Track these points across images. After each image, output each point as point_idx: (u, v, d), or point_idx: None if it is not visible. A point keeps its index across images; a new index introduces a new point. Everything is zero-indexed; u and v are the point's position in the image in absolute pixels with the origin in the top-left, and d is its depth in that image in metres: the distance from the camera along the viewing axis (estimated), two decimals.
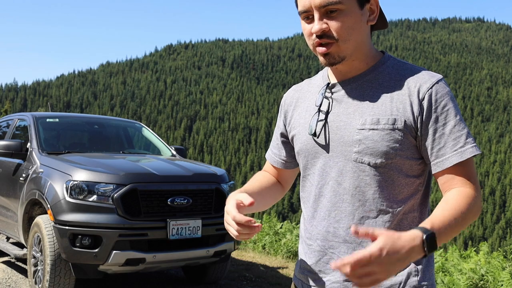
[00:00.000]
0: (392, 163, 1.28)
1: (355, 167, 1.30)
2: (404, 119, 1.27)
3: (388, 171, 1.29)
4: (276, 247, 7.50)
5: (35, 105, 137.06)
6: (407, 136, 1.27)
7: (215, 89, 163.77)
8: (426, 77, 1.29)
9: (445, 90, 1.28)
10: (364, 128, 1.29)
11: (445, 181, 1.28)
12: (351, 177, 1.31)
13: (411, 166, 1.30)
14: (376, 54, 1.38)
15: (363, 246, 1.29)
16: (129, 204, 4.18)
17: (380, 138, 1.27)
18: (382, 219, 1.30)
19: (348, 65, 1.35)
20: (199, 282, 5.23)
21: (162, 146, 6.06)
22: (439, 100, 1.27)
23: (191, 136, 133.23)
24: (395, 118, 1.27)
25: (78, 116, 6.93)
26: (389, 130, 1.27)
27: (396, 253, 1.07)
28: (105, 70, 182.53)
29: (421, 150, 1.30)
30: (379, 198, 1.30)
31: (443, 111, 1.27)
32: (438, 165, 1.27)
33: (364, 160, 1.29)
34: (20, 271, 5.47)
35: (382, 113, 1.28)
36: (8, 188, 5.18)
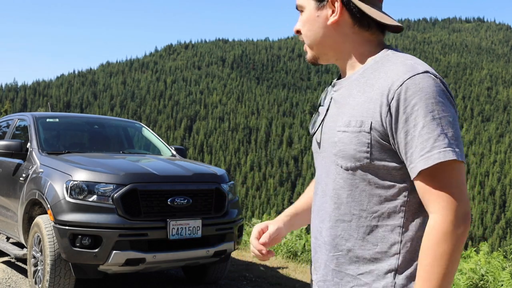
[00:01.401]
0: (363, 167, 1.22)
1: (334, 169, 1.28)
2: (371, 120, 1.19)
3: (361, 175, 1.23)
4: (276, 247, 7.50)
5: (35, 105, 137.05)
6: (376, 139, 1.19)
7: (215, 89, 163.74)
8: (401, 73, 1.18)
9: (418, 86, 1.15)
10: (340, 130, 1.26)
11: (420, 192, 1.17)
12: (332, 179, 1.29)
13: (389, 171, 1.21)
14: (373, 50, 1.31)
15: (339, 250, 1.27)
16: (129, 204, 4.18)
17: (349, 141, 1.23)
18: (356, 223, 1.25)
19: (340, 65, 1.36)
20: (199, 282, 5.23)
21: (162, 146, 6.06)
22: (408, 98, 1.15)
23: (191, 136, 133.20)
24: (362, 120, 1.21)
25: (78, 116, 6.94)
26: (356, 133, 1.21)
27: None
28: (105, 70, 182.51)
29: (399, 155, 1.19)
30: (352, 202, 1.25)
31: (412, 111, 1.14)
32: (411, 172, 1.17)
33: (338, 162, 1.26)
34: (20, 271, 5.47)
35: (355, 115, 1.23)
36: (8, 188, 5.18)
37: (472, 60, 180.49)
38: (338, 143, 1.25)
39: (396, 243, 1.21)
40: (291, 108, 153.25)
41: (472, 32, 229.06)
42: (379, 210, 1.22)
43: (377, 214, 1.23)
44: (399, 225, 1.21)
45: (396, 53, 1.28)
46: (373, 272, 1.22)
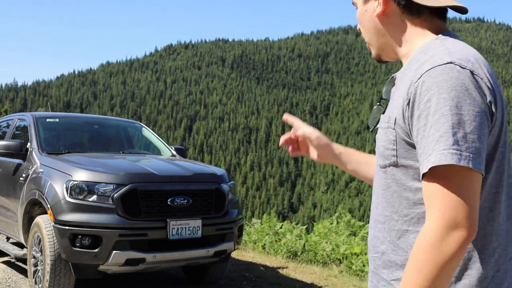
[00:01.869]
0: (392, 165, 1.15)
1: (376, 168, 1.24)
2: (395, 116, 1.13)
3: (392, 175, 1.16)
4: (276, 247, 7.50)
5: (35, 105, 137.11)
6: (400, 136, 1.12)
7: (215, 89, 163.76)
8: (425, 64, 1.09)
9: (434, 79, 1.05)
10: (379, 125, 1.22)
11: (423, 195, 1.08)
12: (376, 177, 1.25)
13: (417, 172, 1.12)
14: (424, 39, 1.21)
15: (376, 251, 1.21)
16: (129, 204, 4.18)
17: (380, 137, 1.18)
18: (389, 225, 1.18)
19: (399, 59, 1.29)
20: (199, 282, 5.23)
21: (162, 146, 6.06)
22: (423, 93, 1.06)
23: (191, 136, 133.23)
24: (389, 116, 1.15)
25: (78, 116, 6.94)
26: (385, 129, 1.16)
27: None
28: (105, 70, 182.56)
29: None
30: (384, 202, 1.19)
31: (425, 107, 1.05)
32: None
33: (377, 159, 1.22)
34: (20, 271, 5.47)
35: (388, 110, 1.18)
36: (8, 188, 5.18)
37: None
38: (377, 139, 1.21)
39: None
40: (291, 108, 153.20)
41: (472, 32, 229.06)
42: (409, 214, 1.14)
43: (407, 218, 1.14)
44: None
45: (445, 40, 1.16)
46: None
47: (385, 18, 1.23)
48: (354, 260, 6.41)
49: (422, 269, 1.01)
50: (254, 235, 8.31)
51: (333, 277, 5.97)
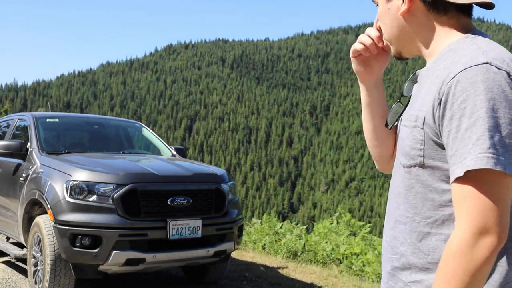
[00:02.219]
0: (418, 166, 1.12)
1: (398, 167, 1.22)
2: (424, 115, 1.10)
3: (416, 175, 1.13)
4: (276, 247, 7.50)
5: (35, 105, 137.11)
6: (428, 136, 1.09)
7: (215, 89, 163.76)
8: (459, 63, 1.06)
9: (470, 80, 1.01)
10: (403, 124, 1.19)
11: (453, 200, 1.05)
12: (396, 176, 1.23)
13: (444, 173, 1.09)
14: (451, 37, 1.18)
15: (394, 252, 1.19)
16: (129, 204, 4.18)
17: (405, 136, 1.15)
18: (410, 227, 1.15)
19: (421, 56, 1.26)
20: (199, 282, 5.23)
21: (162, 146, 6.07)
22: (457, 94, 1.02)
23: (191, 136, 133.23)
24: (417, 115, 1.12)
25: (78, 116, 6.94)
26: (412, 128, 1.13)
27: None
28: (105, 70, 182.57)
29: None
30: (407, 203, 1.16)
31: (459, 109, 1.02)
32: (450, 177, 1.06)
33: (399, 159, 1.20)
34: (20, 271, 5.47)
35: (415, 108, 1.15)
36: (8, 188, 5.18)
37: None
38: (400, 138, 1.19)
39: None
40: (291, 108, 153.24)
41: None
42: (432, 216, 1.11)
43: (430, 220, 1.12)
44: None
45: (475, 38, 1.13)
46: (424, 283, 1.12)
47: (410, 16, 1.20)
48: (354, 260, 6.42)
49: (453, 276, 1.00)
50: (254, 235, 8.31)
51: (333, 277, 5.98)
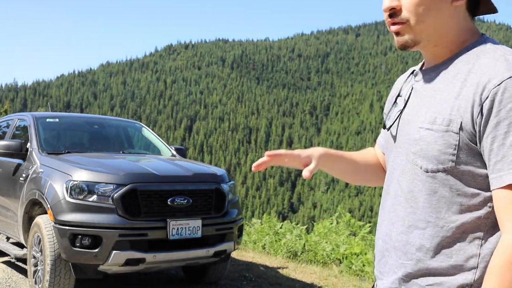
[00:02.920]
0: (447, 171, 1.10)
1: (412, 169, 1.16)
2: (461, 120, 1.07)
3: (443, 179, 1.11)
4: (276, 247, 7.50)
5: (35, 105, 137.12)
6: (464, 141, 1.07)
7: (215, 89, 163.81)
8: (501, 69, 1.04)
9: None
10: (422, 126, 1.13)
11: (497, 206, 1.05)
12: (408, 179, 1.18)
13: (474, 177, 1.09)
14: (468, 39, 1.17)
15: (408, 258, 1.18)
16: (129, 204, 4.18)
17: (433, 140, 1.11)
18: (430, 232, 1.13)
19: (429, 52, 1.19)
20: (199, 282, 5.23)
21: (162, 146, 6.07)
22: (505, 101, 1.01)
23: (191, 136, 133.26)
24: (451, 119, 1.08)
25: (78, 116, 6.93)
26: (442, 132, 1.09)
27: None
28: (105, 70, 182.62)
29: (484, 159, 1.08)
30: (429, 207, 1.14)
31: (507, 115, 1.01)
32: (492, 182, 1.05)
33: (418, 162, 1.15)
34: (20, 271, 5.47)
35: (442, 111, 1.10)
36: (8, 188, 5.18)
37: None
38: (419, 141, 1.14)
39: (474, 256, 1.10)
40: (291, 108, 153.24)
41: None
42: (458, 219, 1.11)
43: (455, 224, 1.11)
44: (478, 237, 1.10)
45: (496, 46, 1.13)
46: (444, 285, 1.12)
47: (455, 9, 1.15)
48: (354, 260, 6.42)
49: (508, 286, 1.00)
50: (254, 235, 8.31)
51: (333, 277, 5.98)
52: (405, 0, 1.13)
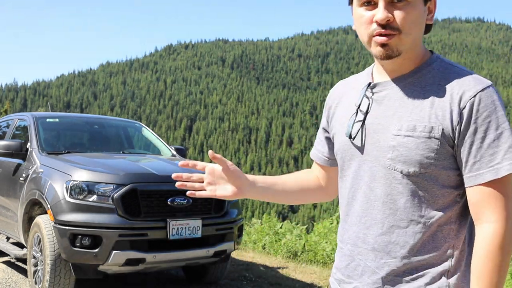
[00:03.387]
0: (427, 173, 1.21)
1: (388, 174, 1.25)
2: (442, 127, 1.19)
3: (422, 181, 1.22)
4: (276, 247, 7.50)
5: (35, 105, 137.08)
6: (444, 146, 1.20)
7: (215, 89, 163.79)
8: (472, 84, 1.21)
9: (490, 99, 1.19)
10: (399, 134, 1.23)
11: (475, 200, 1.20)
12: (383, 183, 1.26)
13: (448, 177, 1.23)
14: (424, 54, 1.31)
15: (392, 256, 1.26)
16: (129, 204, 4.18)
17: (415, 146, 1.20)
18: (413, 229, 1.24)
19: (398, 63, 1.27)
20: (199, 282, 5.23)
21: (162, 146, 6.06)
22: (481, 110, 1.18)
23: (191, 136, 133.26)
24: (432, 126, 1.20)
25: (78, 116, 6.93)
26: (425, 138, 1.20)
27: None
28: (105, 70, 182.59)
29: (457, 161, 1.22)
30: (410, 207, 1.23)
31: (483, 122, 1.17)
32: (470, 180, 1.20)
33: (397, 167, 1.23)
34: (20, 271, 5.47)
35: (420, 119, 1.21)
36: (8, 188, 5.18)
37: (472, 60, 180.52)
38: (398, 147, 1.22)
39: (450, 246, 1.24)
40: (291, 108, 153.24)
41: (472, 32, 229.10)
42: (436, 215, 1.23)
43: (434, 220, 1.23)
44: (453, 229, 1.24)
45: (450, 61, 1.31)
46: (427, 275, 1.23)
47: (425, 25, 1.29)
48: None
49: (504, 264, 1.15)
50: (254, 235, 8.31)
51: None
52: (397, 13, 1.21)
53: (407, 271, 1.24)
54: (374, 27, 1.22)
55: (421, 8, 1.23)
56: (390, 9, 1.20)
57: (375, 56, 1.26)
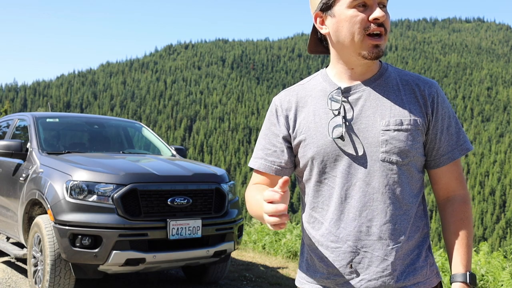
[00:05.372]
0: (412, 161, 1.38)
1: (383, 167, 1.36)
2: (421, 119, 1.38)
3: (409, 168, 1.38)
4: (276, 247, 7.50)
5: (35, 105, 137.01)
6: (422, 135, 1.39)
7: (215, 89, 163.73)
8: (427, 82, 1.43)
9: (442, 92, 1.43)
10: (389, 129, 1.36)
11: (445, 177, 1.43)
12: (379, 176, 1.36)
13: (421, 162, 1.42)
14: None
15: (397, 242, 1.37)
16: (129, 204, 4.18)
17: (405, 138, 1.36)
18: (408, 214, 1.38)
19: (368, 66, 1.42)
20: (199, 282, 5.23)
21: (162, 146, 6.06)
22: (441, 102, 1.41)
23: (191, 136, 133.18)
24: (415, 119, 1.37)
25: (78, 116, 6.93)
26: (411, 131, 1.36)
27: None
28: (105, 70, 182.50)
29: (425, 147, 1.42)
30: (405, 194, 1.38)
31: (445, 112, 1.41)
32: (442, 160, 1.41)
33: (392, 159, 1.36)
34: (20, 271, 5.47)
35: (402, 115, 1.37)
36: (8, 188, 5.18)
37: (472, 60, 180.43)
38: (391, 140, 1.36)
39: (424, 224, 1.44)
40: None
41: (472, 32, 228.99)
42: (417, 198, 1.41)
43: (417, 201, 1.41)
44: (422, 208, 1.44)
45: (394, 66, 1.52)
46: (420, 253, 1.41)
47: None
48: None
49: (471, 228, 1.41)
50: (254, 235, 8.31)
51: None
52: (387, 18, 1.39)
53: (406, 254, 1.38)
54: (371, 26, 1.33)
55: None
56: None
57: (365, 56, 1.35)
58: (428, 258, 1.42)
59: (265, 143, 1.51)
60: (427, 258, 1.42)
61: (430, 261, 1.42)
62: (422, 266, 1.39)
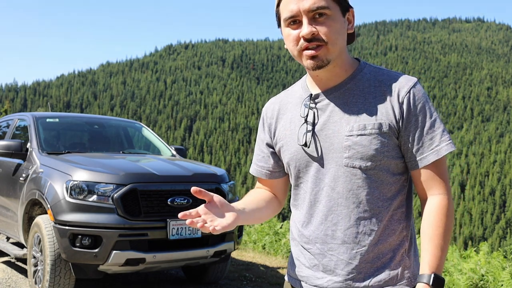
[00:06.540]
0: (381, 165, 1.36)
1: (347, 172, 1.37)
2: (388, 122, 1.35)
3: (378, 172, 1.36)
4: (276, 247, 7.50)
5: (35, 105, 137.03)
6: (391, 138, 1.36)
7: (215, 89, 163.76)
8: (403, 82, 1.38)
9: (420, 92, 1.38)
10: (352, 134, 1.36)
11: (422, 179, 1.38)
12: (343, 181, 1.38)
13: (397, 165, 1.38)
14: (353, 62, 1.45)
15: (362, 245, 1.37)
16: (129, 204, 4.18)
17: (368, 143, 1.35)
18: (376, 218, 1.38)
19: (330, 72, 1.40)
20: (199, 282, 5.23)
21: (162, 146, 6.06)
22: (416, 102, 1.36)
23: (191, 136, 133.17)
24: (380, 123, 1.35)
25: (78, 116, 6.93)
26: (376, 135, 1.35)
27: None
28: (105, 70, 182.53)
29: (402, 149, 1.38)
30: (371, 198, 1.37)
31: (419, 113, 1.36)
32: (416, 163, 1.37)
33: (355, 164, 1.36)
34: (20, 271, 5.47)
35: (367, 119, 1.36)
36: (8, 188, 5.18)
37: (472, 60, 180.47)
38: (353, 146, 1.35)
39: (403, 227, 1.40)
40: None
41: (472, 32, 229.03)
42: (392, 201, 1.39)
43: (391, 206, 1.39)
44: (403, 211, 1.41)
45: (377, 66, 1.46)
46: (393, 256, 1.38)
47: (347, 35, 1.42)
48: None
49: (451, 228, 1.36)
50: (254, 235, 8.31)
51: None
52: (320, 27, 1.33)
53: (376, 257, 1.38)
54: (301, 42, 1.35)
55: (341, 19, 1.37)
56: (313, 24, 1.33)
57: (308, 68, 1.38)
58: (404, 261, 1.39)
59: (257, 149, 1.63)
60: (402, 261, 1.39)
61: (405, 264, 1.39)
62: (394, 269, 1.38)
